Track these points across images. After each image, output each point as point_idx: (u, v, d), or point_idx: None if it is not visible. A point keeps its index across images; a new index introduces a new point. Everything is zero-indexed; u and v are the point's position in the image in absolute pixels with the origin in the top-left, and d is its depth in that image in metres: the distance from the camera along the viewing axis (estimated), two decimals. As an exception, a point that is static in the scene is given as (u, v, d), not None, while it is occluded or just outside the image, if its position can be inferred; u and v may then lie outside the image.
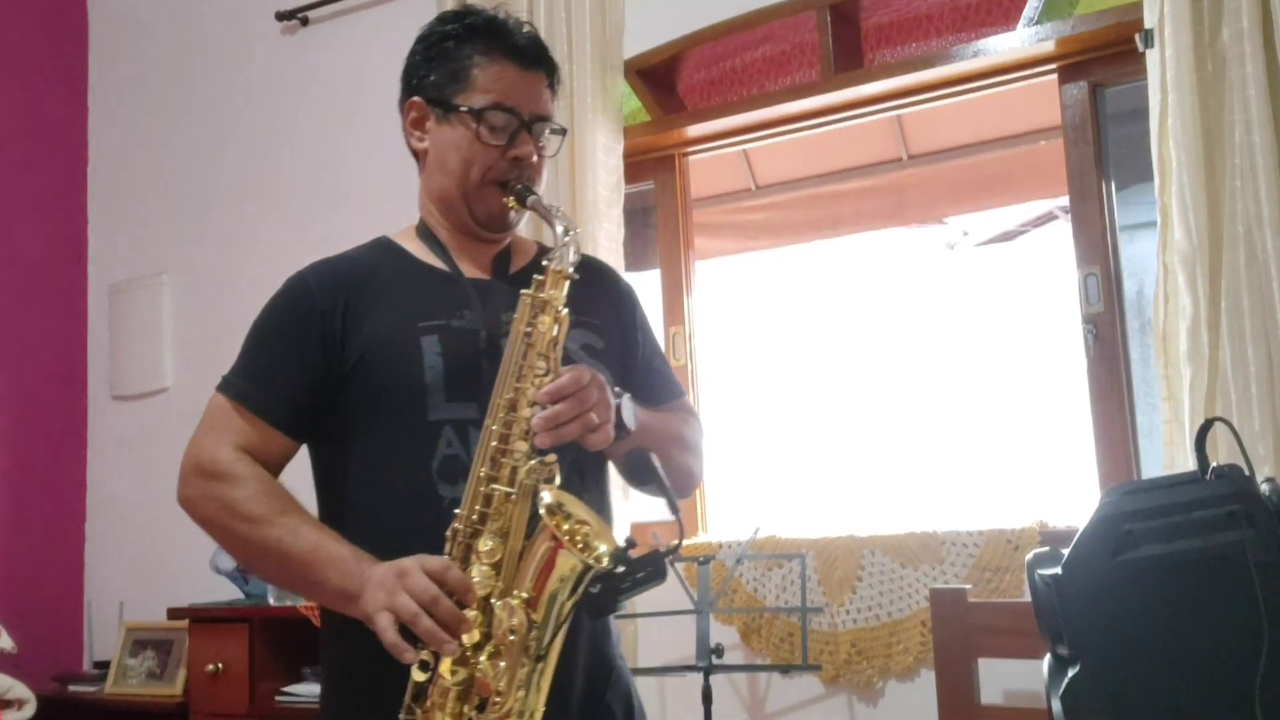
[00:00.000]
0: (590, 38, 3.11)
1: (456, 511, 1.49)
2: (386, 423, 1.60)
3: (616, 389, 1.58)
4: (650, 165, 3.35)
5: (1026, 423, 4.37)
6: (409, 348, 1.60)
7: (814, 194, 4.13)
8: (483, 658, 1.43)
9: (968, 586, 2.53)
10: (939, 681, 2.40)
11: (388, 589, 1.43)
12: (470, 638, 1.43)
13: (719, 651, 2.65)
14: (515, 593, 1.45)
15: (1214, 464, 1.65)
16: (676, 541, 1.50)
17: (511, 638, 1.43)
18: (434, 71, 1.71)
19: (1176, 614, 1.59)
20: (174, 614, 3.44)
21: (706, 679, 2.61)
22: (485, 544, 1.47)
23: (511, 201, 1.67)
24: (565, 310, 1.57)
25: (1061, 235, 3.92)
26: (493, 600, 1.45)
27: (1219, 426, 2.00)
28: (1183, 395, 2.39)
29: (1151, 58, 2.45)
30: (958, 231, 5.06)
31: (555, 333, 1.56)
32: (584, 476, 1.63)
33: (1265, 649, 1.52)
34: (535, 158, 1.69)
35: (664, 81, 3.37)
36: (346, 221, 3.71)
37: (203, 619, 3.35)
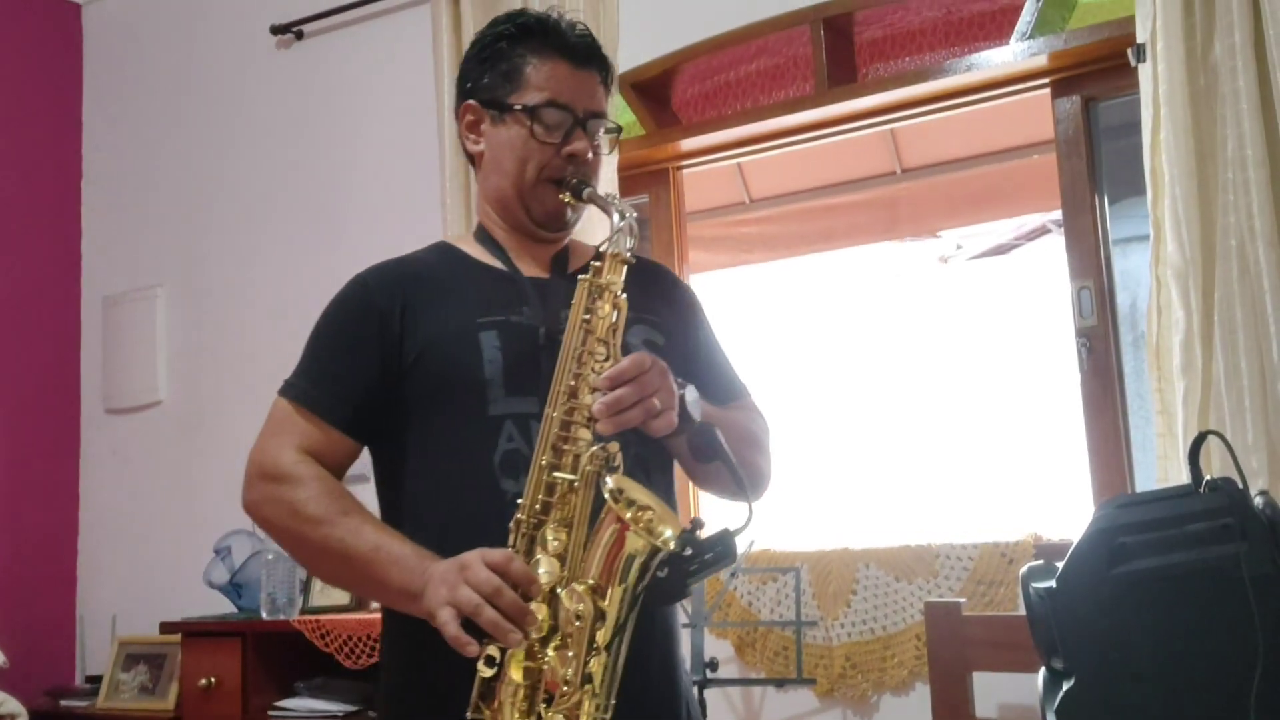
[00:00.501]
0: (585, 51, 3.11)
1: (519, 502, 1.48)
2: (446, 418, 1.60)
3: (679, 380, 1.56)
4: (645, 179, 3.36)
5: (1020, 436, 4.38)
6: (468, 343, 1.60)
7: (808, 207, 4.14)
8: (550, 650, 1.41)
9: (962, 600, 2.53)
10: (934, 695, 2.39)
11: (449, 583, 1.42)
12: (536, 631, 1.41)
13: (713, 665, 2.65)
14: (581, 580, 1.42)
15: (1208, 477, 1.65)
16: (745, 520, 1.44)
17: (577, 623, 1.40)
18: (487, 74, 1.71)
19: (1171, 627, 1.59)
20: (166, 628, 3.42)
21: (701, 693, 2.60)
22: (549, 534, 1.46)
23: (567, 197, 1.67)
24: (624, 295, 1.56)
25: (1054, 249, 3.93)
26: (558, 590, 1.43)
27: (1212, 439, 2.00)
28: (1176, 408, 2.39)
29: (1144, 72, 2.46)
30: (951, 245, 5.07)
31: (614, 318, 1.54)
32: (649, 472, 1.61)
33: (1260, 662, 1.52)
34: (590, 154, 1.69)
35: (658, 95, 3.38)
36: (342, 234, 3.72)
37: (195, 633, 3.33)
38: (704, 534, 1.39)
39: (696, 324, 1.82)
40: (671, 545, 1.38)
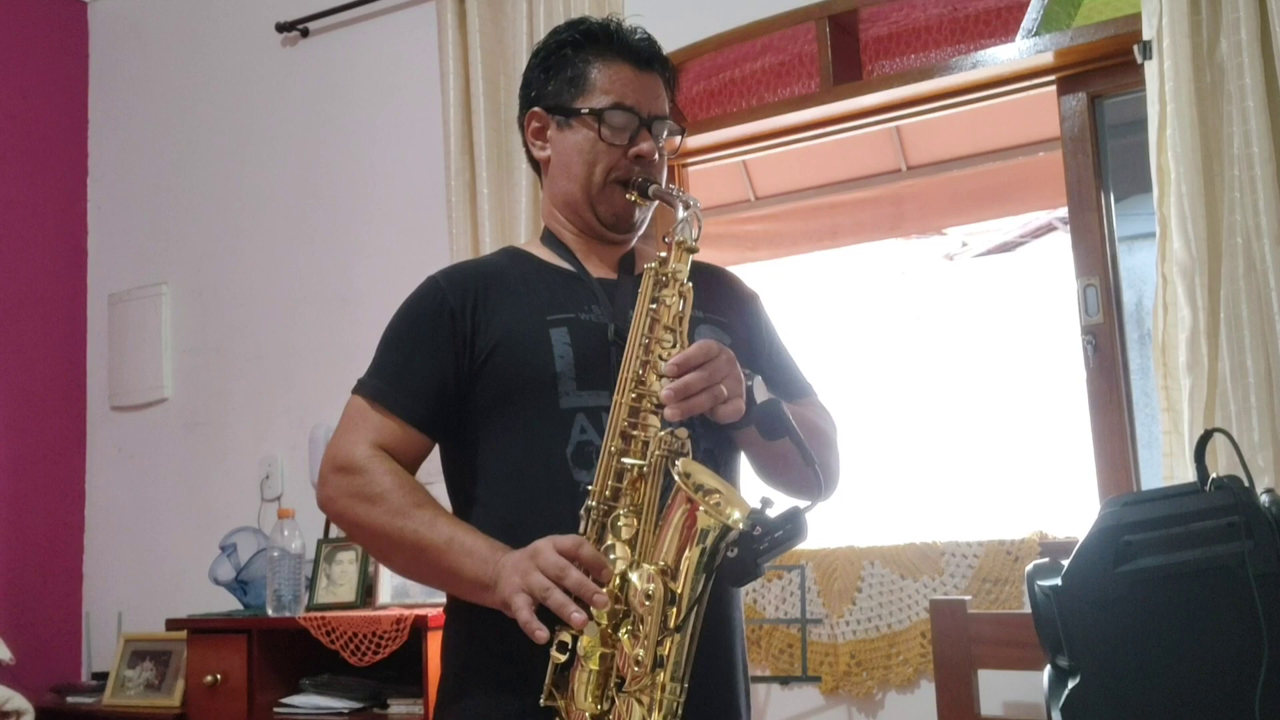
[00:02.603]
0: (590, 49, 3.11)
1: (589, 488, 1.50)
2: (519, 413, 1.62)
3: (747, 370, 1.58)
4: (650, 176, 3.35)
5: (1026, 434, 4.37)
6: (539, 339, 1.63)
7: (813, 205, 4.13)
8: (621, 633, 1.43)
9: (967, 598, 2.53)
10: (939, 693, 2.39)
11: (522, 571, 1.45)
12: (603, 615, 1.42)
13: (718, 663, 2.64)
14: (651, 562, 1.44)
15: (1213, 475, 1.65)
16: (815, 498, 1.45)
17: (647, 603, 1.41)
18: (552, 81, 1.74)
19: (1176, 625, 1.58)
20: (172, 625, 3.43)
21: (706, 690, 2.60)
22: (621, 520, 1.48)
23: (634, 196, 1.69)
24: (690, 283, 1.59)
25: (1060, 246, 3.92)
26: (630, 574, 1.45)
27: (1218, 437, 2.00)
28: (1182, 406, 2.39)
29: (1150, 69, 2.46)
30: (957, 242, 5.06)
31: (680, 306, 1.57)
32: (716, 465, 1.62)
33: (1265, 660, 1.51)
34: (656, 155, 1.72)
35: (663, 93, 3.37)
36: (347, 231, 3.72)
37: (201, 630, 3.34)
38: (772, 513, 1.40)
39: (761, 323, 1.85)
40: (741, 524, 1.39)
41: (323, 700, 3.12)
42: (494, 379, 1.64)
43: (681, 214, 1.61)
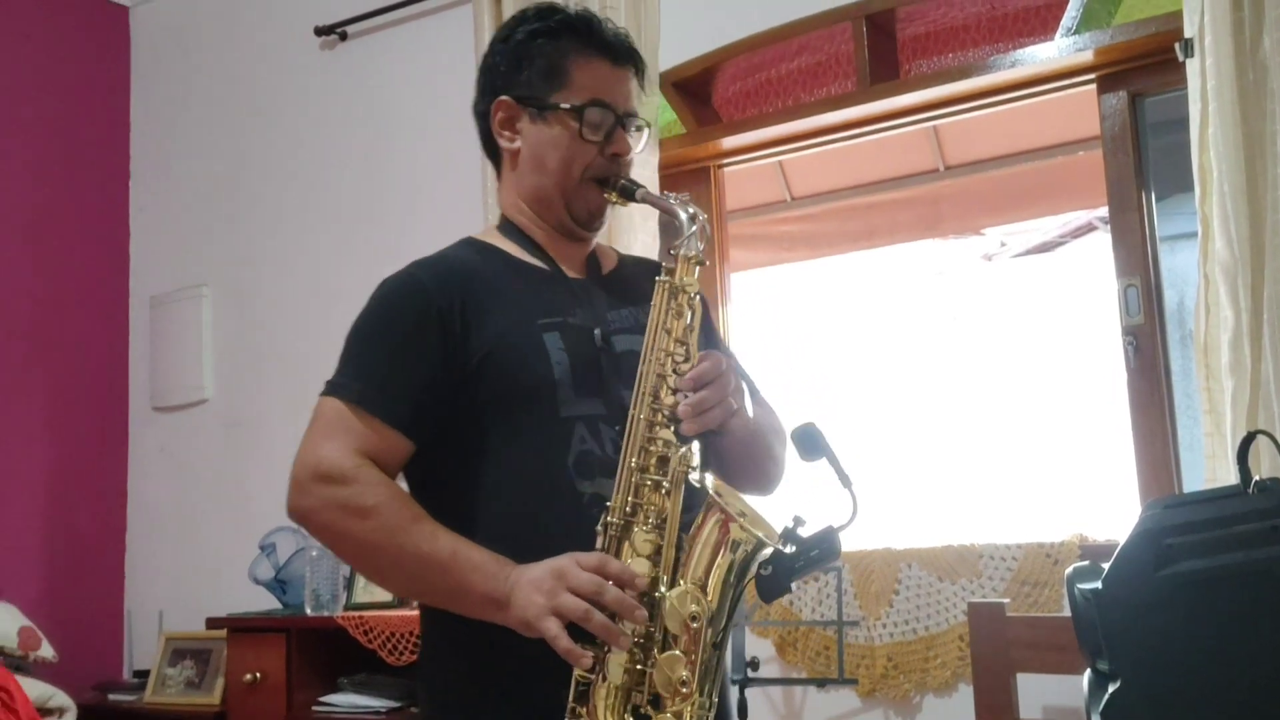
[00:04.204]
0: (626, 50, 3.11)
1: (608, 505, 1.47)
2: (517, 421, 1.57)
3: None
4: (685, 177, 3.35)
5: (1066, 435, 4.33)
6: (534, 345, 1.58)
7: (850, 205, 4.12)
8: (657, 651, 1.40)
9: (1006, 600, 2.51)
10: (977, 696, 2.37)
11: (546, 591, 1.39)
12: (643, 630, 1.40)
13: (754, 664, 2.64)
14: (686, 580, 1.42)
15: (1256, 477, 1.63)
16: (850, 517, 1.45)
17: (694, 625, 1.39)
18: (524, 70, 1.68)
19: (1218, 629, 1.57)
20: (212, 623, 3.46)
21: (742, 692, 2.60)
22: (639, 536, 1.44)
23: (613, 196, 1.67)
24: (698, 296, 1.58)
25: (1101, 246, 3.89)
26: (662, 591, 1.42)
27: (1261, 439, 1.97)
28: (1224, 408, 2.36)
29: (1191, 67, 2.43)
30: (995, 242, 5.03)
31: (690, 319, 1.56)
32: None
33: (1310, 666, 1.49)
34: (632, 154, 1.71)
35: (699, 93, 3.37)
36: (385, 233, 3.74)
37: (241, 629, 3.37)
38: (804, 532, 1.41)
39: (708, 322, 1.81)
40: (777, 542, 1.40)
41: (360, 699, 3.15)
42: (490, 385, 1.57)
43: (690, 226, 1.60)
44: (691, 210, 1.62)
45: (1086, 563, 1.70)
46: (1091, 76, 2.81)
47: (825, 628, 2.88)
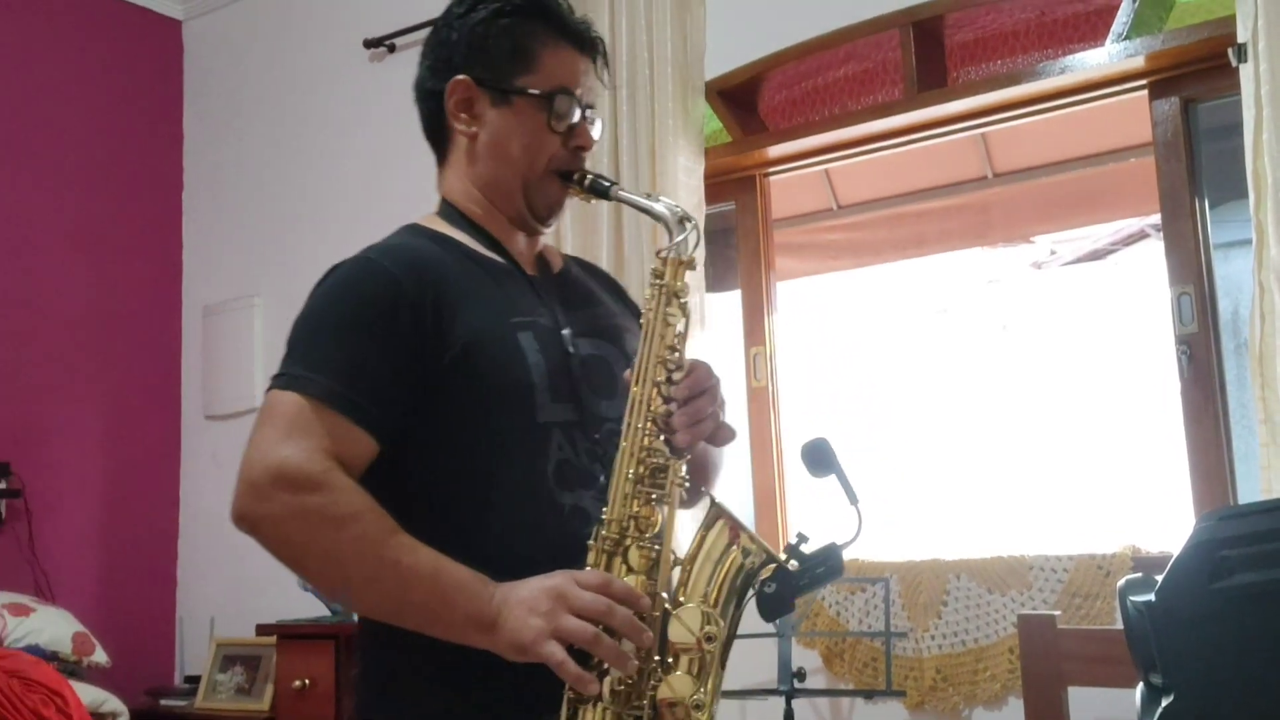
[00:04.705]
0: (671, 59, 3.12)
1: (601, 518, 1.39)
2: (492, 425, 1.45)
3: None
4: (731, 186, 3.35)
5: (1119, 446, 4.28)
6: (509, 344, 1.48)
7: (897, 213, 4.09)
8: (662, 671, 1.34)
9: (1057, 613, 2.48)
10: (1027, 710, 2.34)
11: (543, 613, 1.30)
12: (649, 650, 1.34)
13: (801, 675, 2.63)
14: (690, 596, 1.37)
15: (1314, 489, 1.60)
16: (854, 533, 1.41)
17: (709, 645, 1.34)
18: (487, 50, 1.56)
19: (1274, 643, 1.54)
20: (263, 630, 3.49)
21: (789, 703, 2.58)
22: (634, 551, 1.37)
23: (580, 193, 1.57)
24: (687, 301, 1.49)
25: (1153, 254, 3.84)
26: (667, 608, 1.36)
27: (1319, 450, 1.94)
28: (1281, 418, 2.32)
29: (1245, 72, 2.40)
30: (1045, 250, 4.99)
31: (681, 326, 1.47)
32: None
33: (1370, 681, 1.46)
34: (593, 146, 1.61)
35: (745, 102, 3.37)
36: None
37: (290, 635, 3.40)
38: (807, 549, 1.38)
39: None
40: (783, 558, 1.36)
41: (408, 707, 3.16)
42: (464, 385, 1.44)
43: (686, 229, 1.49)
44: (679, 212, 1.51)
45: (1139, 575, 1.67)
46: (1143, 82, 2.78)
47: (873, 639, 2.86)
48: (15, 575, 3.80)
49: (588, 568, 1.36)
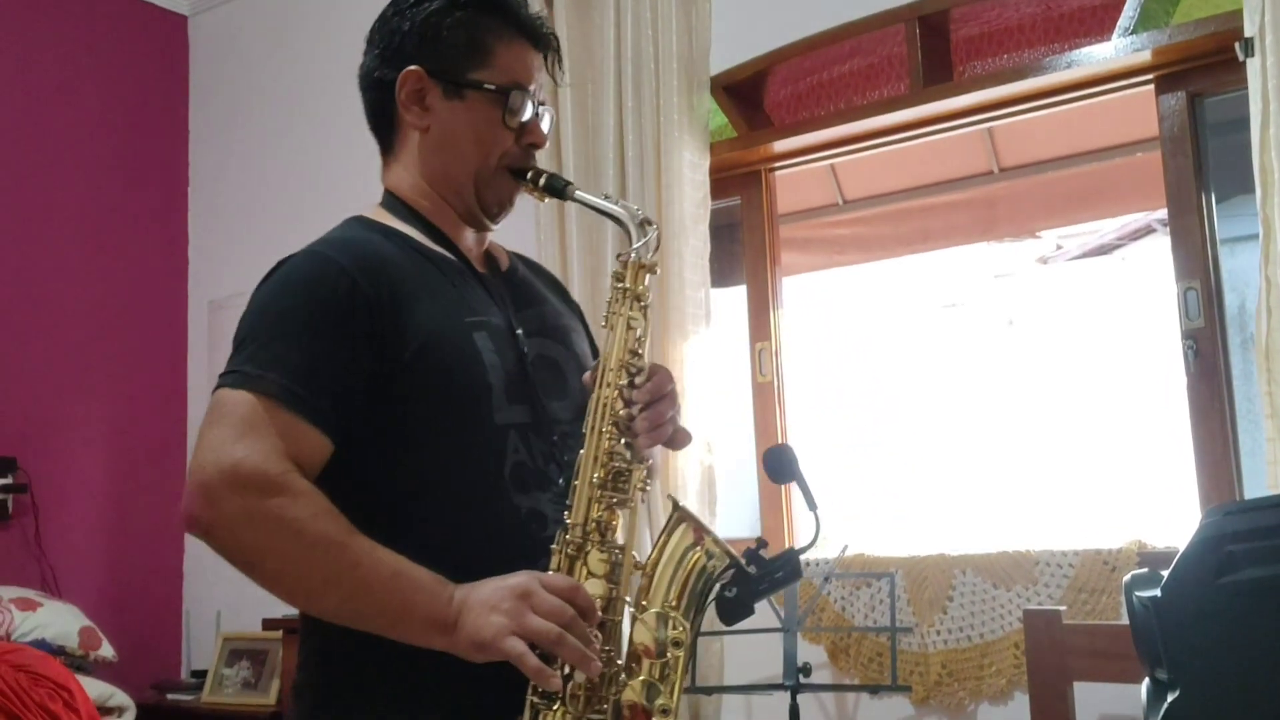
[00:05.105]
0: (677, 54, 3.12)
1: (564, 522, 1.38)
2: (449, 425, 1.43)
3: None
4: (736, 181, 3.35)
5: (1124, 440, 4.28)
6: (465, 343, 1.45)
7: (903, 208, 4.09)
8: (625, 676, 1.35)
9: (1063, 608, 2.48)
10: (1033, 705, 2.34)
11: (507, 611, 1.28)
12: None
13: (806, 670, 2.63)
14: (654, 601, 1.37)
15: (1321, 484, 1.59)
16: (812, 538, 1.44)
17: (676, 650, 1.35)
18: (440, 41, 1.54)
19: (1281, 639, 1.53)
20: (269, 624, 3.50)
21: (794, 698, 2.58)
22: (594, 556, 1.37)
23: (534, 191, 1.55)
24: (648, 305, 1.48)
25: (1160, 248, 3.84)
26: (632, 612, 1.37)
27: (1326, 445, 1.93)
28: (1287, 413, 2.32)
29: (1252, 66, 2.39)
30: (1051, 245, 4.98)
31: (641, 330, 1.46)
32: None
33: (1377, 677, 1.46)
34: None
35: (750, 97, 3.36)
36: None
37: (296, 630, 3.39)
38: (766, 554, 1.40)
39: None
40: (743, 562, 1.38)
41: (413, 701, 3.16)
42: (421, 384, 1.41)
43: (638, 231, 1.49)
44: (640, 215, 1.51)
45: (1145, 570, 1.67)
46: (1149, 77, 2.77)
47: (878, 634, 2.86)
48: (22, 570, 3.82)
49: (550, 572, 1.36)
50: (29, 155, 4.07)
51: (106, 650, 3.57)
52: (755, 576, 1.38)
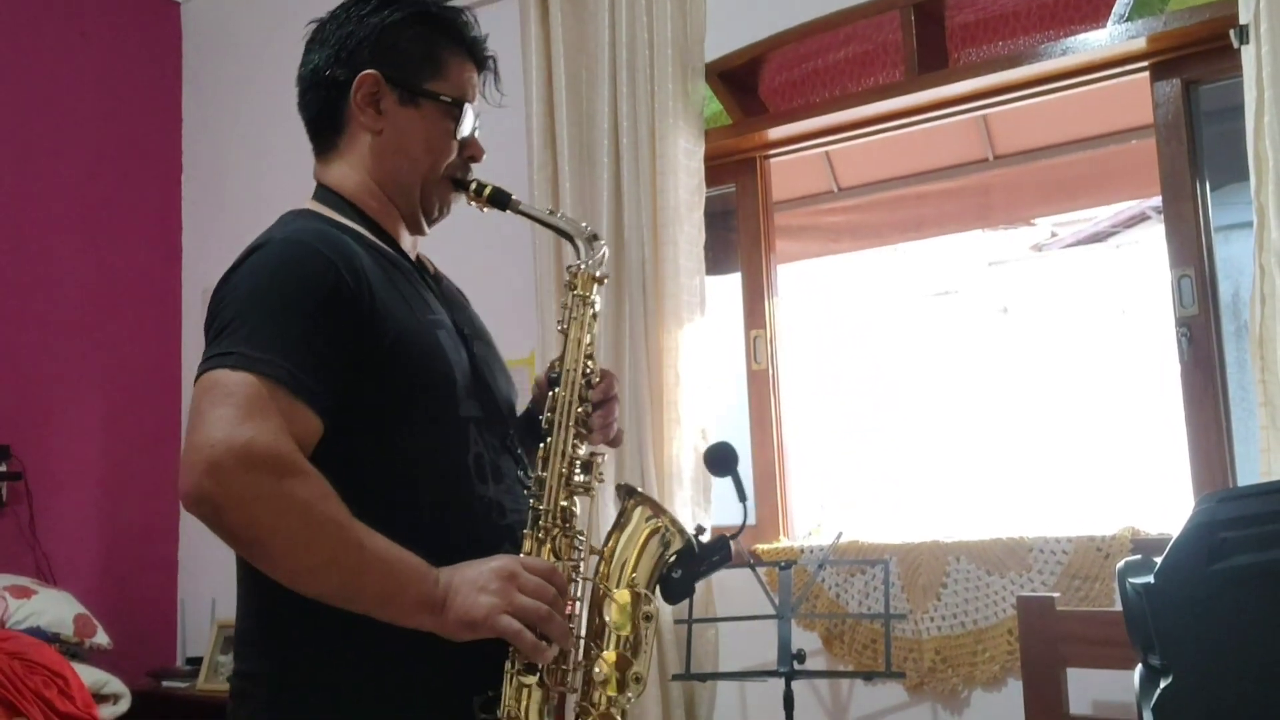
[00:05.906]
0: (671, 41, 3.11)
1: (540, 509, 1.49)
2: (418, 416, 1.50)
3: None
4: (731, 168, 3.34)
5: (1118, 428, 4.29)
6: (431, 339, 1.54)
7: (897, 195, 4.09)
8: (606, 651, 1.47)
9: (1056, 594, 2.49)
10: (1026, 691, 2.35)
11: (495, 592, 1.37)
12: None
13: (801, 657, 2.64)
14: (619, 580, 1.51)
15: (1314, 471, 1.60)
16: (740, 525, 1.62)
17: (646, 624, 1.48)
18: (399, 51, 1.62)
19: (1273, 624, 1.54)
20: (263, 612, 3.49)
21: (788, 684, 2.59)
22: (561, 540, 1.49)
23: (474, 199, 1.65)
24: (597, 313, 1.62)
25: (1154, 236, 3.84)
26: (606, 588, 1.50)
27: (1319, 432, 1.94)
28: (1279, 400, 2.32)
29: (1246, 54, 2.39)
30: (1046, 232, 4.99)
31: (590, 338, 1.60)
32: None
33: (1368, 663, 1.47)
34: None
35: (745, 84, 3.36)
36: (435, 228, 3.76)
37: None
38: (703, 539, 1.55)
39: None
40: (693, 536, 1.53)
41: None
42: (396, 376, 1.48)
43: (587, 245, 1.63)
44: (587, 231, 1.64)
45: (1138, 556, 1.68)
46: (1144, 64, 2.77)
47: (872, 620, 2.86)
48: (17, 557, 3.81)
49: (521, 555, 1.47)
50: (21, 143, 4.05)
51: (101, 637, 3.57)
52: (696, 559, 1.52)
